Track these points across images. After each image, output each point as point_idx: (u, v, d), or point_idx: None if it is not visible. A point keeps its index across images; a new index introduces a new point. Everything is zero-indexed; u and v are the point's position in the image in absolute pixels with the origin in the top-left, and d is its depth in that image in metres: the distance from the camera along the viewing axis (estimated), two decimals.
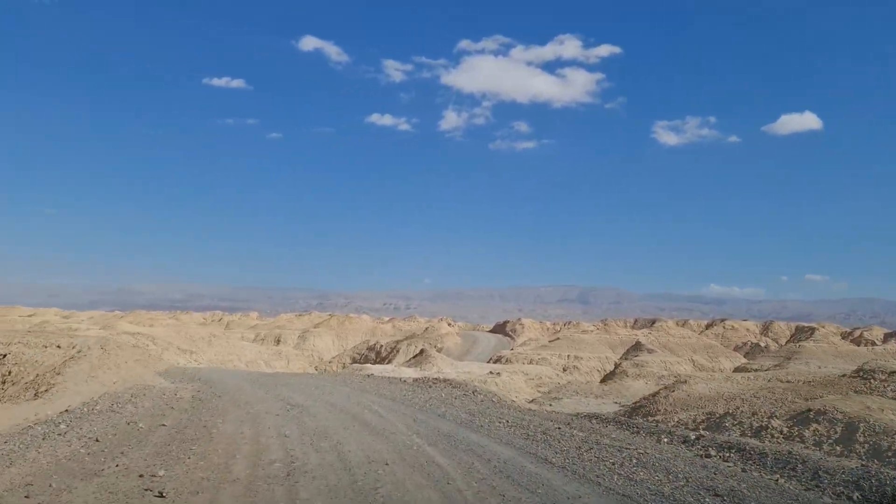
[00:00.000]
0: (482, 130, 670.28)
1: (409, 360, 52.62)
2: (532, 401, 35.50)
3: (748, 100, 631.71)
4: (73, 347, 17.19)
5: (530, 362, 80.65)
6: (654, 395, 25.28)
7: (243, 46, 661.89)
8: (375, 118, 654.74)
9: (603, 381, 74.85)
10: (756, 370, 69.80)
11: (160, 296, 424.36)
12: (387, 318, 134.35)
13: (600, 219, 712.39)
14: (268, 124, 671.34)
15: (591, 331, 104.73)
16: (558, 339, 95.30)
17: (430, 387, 23.57)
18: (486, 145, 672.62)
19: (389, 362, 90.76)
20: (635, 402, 26.61)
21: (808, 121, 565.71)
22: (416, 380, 25.87)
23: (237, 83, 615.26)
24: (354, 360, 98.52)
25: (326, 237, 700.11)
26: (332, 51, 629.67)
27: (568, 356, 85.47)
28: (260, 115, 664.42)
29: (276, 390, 20.38)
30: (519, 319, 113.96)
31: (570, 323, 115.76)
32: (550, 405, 32.18)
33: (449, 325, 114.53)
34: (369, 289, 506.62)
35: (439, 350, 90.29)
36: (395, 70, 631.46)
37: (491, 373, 45.71)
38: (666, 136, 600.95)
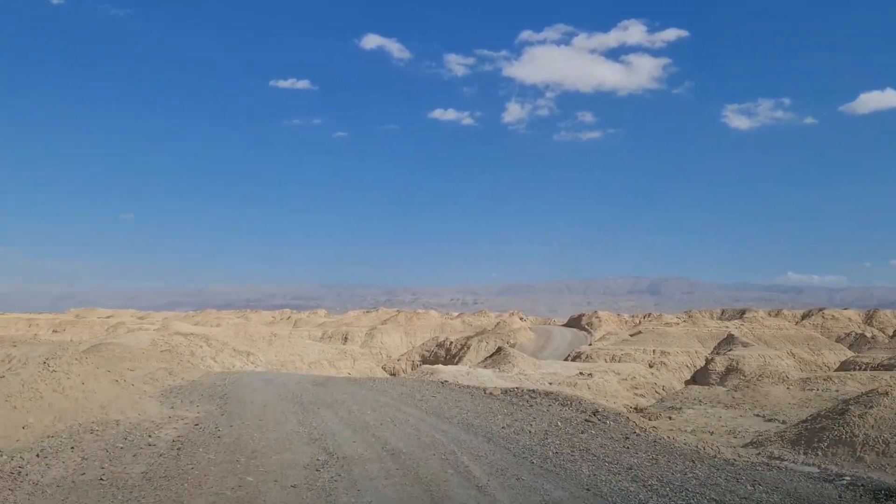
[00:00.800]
0: (546, 122, 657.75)
1: (486, 359, 45.77)
2: (640, 411, 28.17)
3: (824, 79, 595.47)
4: (7, 362, 11.34)
5: (612, 359, 72.89)
6: (842, 412, 17.75)
7: (308, 48, 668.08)
8: (438, 113, 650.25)
9: (699, 378, 66.30)
10: (868, 364, 60.31)
11: (235, 296, 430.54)
12: (455, 314, 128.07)
13: (670, 208, 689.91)
14: (333, 124, 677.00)
15: (676, 323, 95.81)
16: (640, 332, 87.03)
17: (530, 405, 16.76)
18: (551, 137, 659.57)
19: (460, 360, 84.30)
20: (804, 422, 19.09)
21: (889, 98, 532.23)
22: (505, 392, 19.05)
23: (303, 84, 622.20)
24: (423, 358, 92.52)
25: (393, 233, 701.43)
26: (394, 48, 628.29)
27: (653, 351, 77.20)
28: (325, 114, 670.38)
29: (317, 417, 13.98)
30: (595, 312, 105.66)
31: (649, 315, 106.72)
32: (671, 418, 24.88)
33: (521, 319, 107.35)
34: (437, 284, 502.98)
35: (512, 346, 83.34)
36: (457, 64, 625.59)
37: (581, 373, 38.46)
38: (737, 121, 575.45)
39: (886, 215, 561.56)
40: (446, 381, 23.86)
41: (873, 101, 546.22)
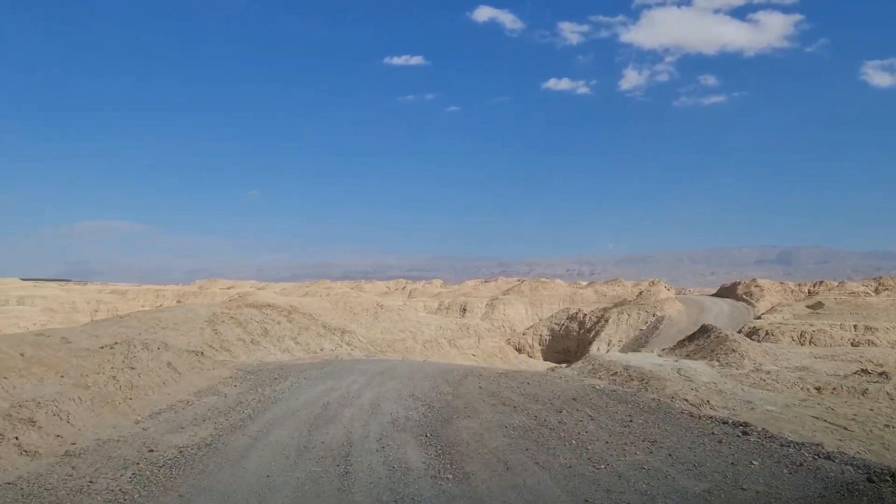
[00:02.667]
0: (665, 87, 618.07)
1: (682, 343, 30.58)
2: None
3: None
4: None
5: (801, 336, 55.53)
6: None
7: (420, 23, 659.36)
8: (553, 83, 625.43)
9: None
10: None
11: (353, 268, 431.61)
12: (584, 283, 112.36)
13: (802, 173, 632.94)
14: (446, 98, 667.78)
15: (866, 292, 75.76)
16: (820, 303, 68.49)
17: None
18: (670, 103, 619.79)
19: (596, 335, 69.45)
20: None
21: None
22: None
23: (416, 60, 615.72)
24: (552, 332, 78.46)
25: (507, 205, 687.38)
26: (507, 18, 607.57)
27: (854, 326, 58.90)
28: (438, 89, 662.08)
29: None
30: (754, 280, 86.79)
31: (821, 283, 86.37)
32: None
33: (665, 288, 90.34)
34: (551, 255, 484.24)
35: (659, 319, 67.56)
36: (571, 32, 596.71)
37: (863, 371, 22.93)
38: (878, 78, 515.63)
39: None
40: (731, 422, 9.37)
41: None
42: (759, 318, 65.82)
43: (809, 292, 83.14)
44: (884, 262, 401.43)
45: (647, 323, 69.65)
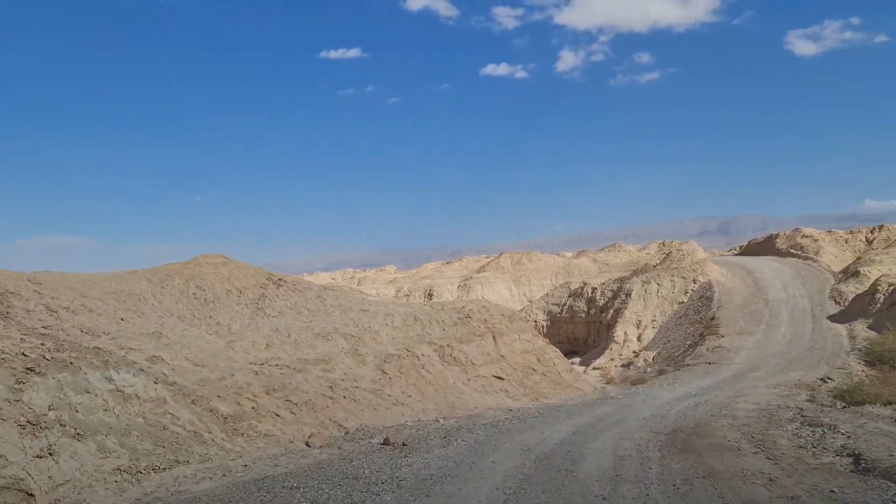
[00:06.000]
0: (601, 67, 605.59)
1: None
2: None
3: None
4: None
5: None
6: None
7: (354, 14, 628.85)
8: (491, 69, 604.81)
9: None
10: None
11: (302, 268, 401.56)
12: (569, 253, 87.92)
13: (737, 143, 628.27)
14: (386, 90, 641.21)
15: None
16: None
17: None
18: (607, 82, 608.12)
19: (618, 315, 44.57)
20: None
21: None
22: None
23: (353, 53, 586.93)
24: (550, 315, 53.07)
25: (453, 195, 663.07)
26: (441, 6, 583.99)
27: None
28: (377, 81, 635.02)
29: None
30: (798, 230, 62.75)
31: (881, 227, 62.97)
32: None
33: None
34: (499, 240, 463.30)
35: (706, 289, 43.35)
36: (506, 17, 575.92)
37: None
38: (802, 47, 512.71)
39: None
40: None
41: None
42: (851, 274, 41.81)
43: (868, 240, 59.60)
44: (817, 225, 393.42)
45: (687, 293, 44.85)
